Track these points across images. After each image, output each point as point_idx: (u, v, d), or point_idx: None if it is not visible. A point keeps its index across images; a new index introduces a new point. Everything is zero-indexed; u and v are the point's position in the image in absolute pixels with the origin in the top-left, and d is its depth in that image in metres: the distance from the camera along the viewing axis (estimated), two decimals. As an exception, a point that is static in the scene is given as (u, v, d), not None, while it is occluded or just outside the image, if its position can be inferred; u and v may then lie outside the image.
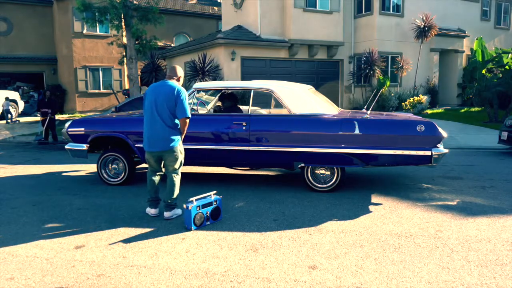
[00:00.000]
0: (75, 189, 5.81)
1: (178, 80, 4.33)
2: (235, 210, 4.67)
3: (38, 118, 12.49)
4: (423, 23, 16.75)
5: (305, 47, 16.74)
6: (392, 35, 17.70)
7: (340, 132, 5.15)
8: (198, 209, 4.05)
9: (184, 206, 4.05)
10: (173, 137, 4.20)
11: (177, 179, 4.33)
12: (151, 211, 4.45)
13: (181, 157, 4.33)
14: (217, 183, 6.03)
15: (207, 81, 14.86)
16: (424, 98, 16.07)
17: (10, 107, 16.26)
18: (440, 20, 18.14)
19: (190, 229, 4.01)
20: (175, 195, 4.31)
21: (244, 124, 5.38)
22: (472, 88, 16.83)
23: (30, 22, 21.29)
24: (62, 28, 20.70)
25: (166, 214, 4.34)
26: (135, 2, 14.95)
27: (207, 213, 4.15)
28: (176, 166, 4.30)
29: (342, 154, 5.19)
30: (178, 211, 4.44)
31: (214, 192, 4.35)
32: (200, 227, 4.08)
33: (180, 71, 4.39)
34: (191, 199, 4.10)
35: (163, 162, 4.35)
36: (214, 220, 4.24)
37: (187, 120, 4.21)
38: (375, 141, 5.10)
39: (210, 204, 4.19)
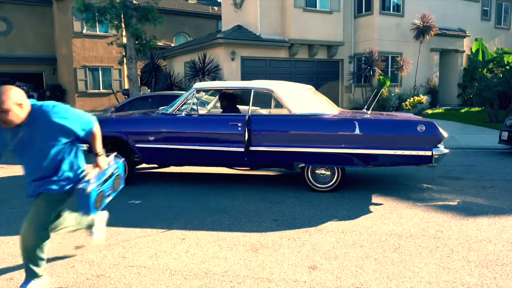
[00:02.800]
0: (74, 189, 5.78)
1: None
2: (235, 210, 4.66)
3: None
4: (422, 23, 16.74)
5: (305, 47, 16.73)
6: (392, 35, 17.69)
7: (341, 132, 5.14)
8: (99, 188, 2.97)
9: (79, 186, 2.84)
10: None
11: None
12: None
13: None
14: (217, 183, 6.03)
15: (207, 81, 14.85)
16: (424, 98, 16.07)
17: None
18: (440, 20, 18.12)
19: (89, 214, 2.96)
20: None
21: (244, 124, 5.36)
22: (473, 88, 16.80)
23: (30, 22, 21.29)
24: (62, 28, 20.69)
25: None
26: (134, 1, 14.94)
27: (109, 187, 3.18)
28: None
29: (343, 154, 5.18)
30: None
31: (115, 153, 3.42)
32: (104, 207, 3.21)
33: None
34: (87, 178, 2.94)
35: None
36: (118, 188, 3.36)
37: None
38: (375, 141, 5.09)
39: (110, 176, 3.18)
